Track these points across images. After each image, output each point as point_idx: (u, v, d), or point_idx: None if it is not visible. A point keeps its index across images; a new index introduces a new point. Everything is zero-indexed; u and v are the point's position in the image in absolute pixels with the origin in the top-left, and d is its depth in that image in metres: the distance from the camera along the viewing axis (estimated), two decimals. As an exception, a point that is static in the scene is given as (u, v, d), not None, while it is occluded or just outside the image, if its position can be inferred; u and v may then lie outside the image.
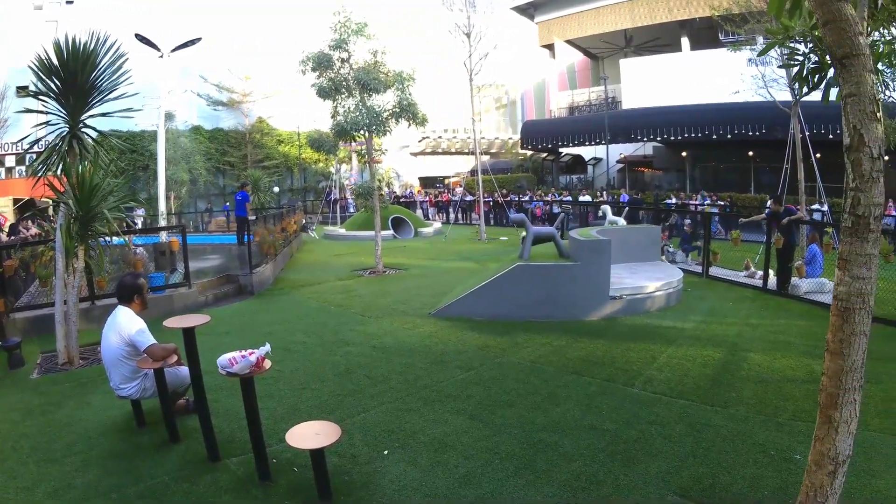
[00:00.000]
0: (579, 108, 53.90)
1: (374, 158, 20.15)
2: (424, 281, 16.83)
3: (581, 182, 49.72)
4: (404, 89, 18.22)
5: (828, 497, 3.82)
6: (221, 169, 48.35)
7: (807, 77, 4.88)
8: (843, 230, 3.68)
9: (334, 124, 18.32)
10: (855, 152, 3.53)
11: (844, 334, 3.67)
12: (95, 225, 9.87)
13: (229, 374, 5.63)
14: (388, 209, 29.20)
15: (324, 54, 17.97)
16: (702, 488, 5.40)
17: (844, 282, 3.65)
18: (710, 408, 7.31)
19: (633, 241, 15.88)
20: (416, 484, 5.59)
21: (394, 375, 8.67)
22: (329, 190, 43.53)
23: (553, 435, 6.56)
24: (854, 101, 3.52)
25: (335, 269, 19.34)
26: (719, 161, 43.51)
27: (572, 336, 10.59)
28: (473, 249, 25.14)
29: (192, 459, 6.16)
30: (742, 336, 10.73)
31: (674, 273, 14.13)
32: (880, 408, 7.36)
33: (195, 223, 38.44)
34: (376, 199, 19.46)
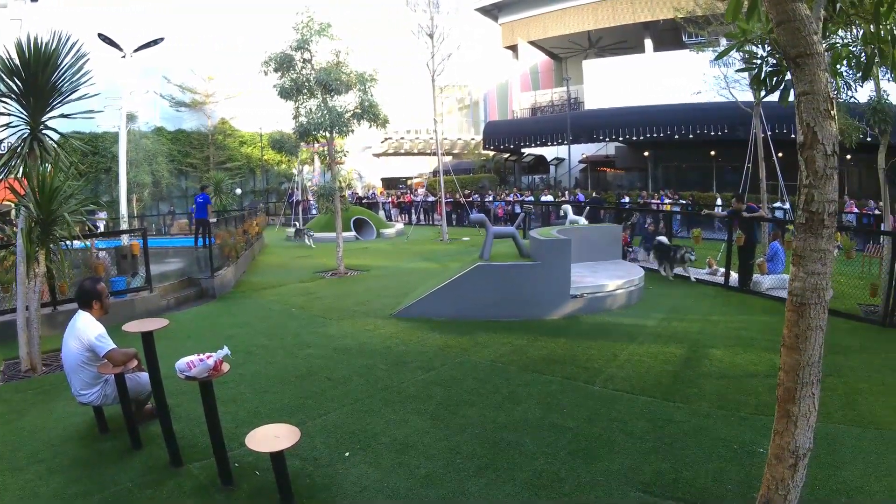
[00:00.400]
0: (542, 108, 54.09)
1: (335, 160, 20.09)
2: (386, 282, 16.79)
3: (543, 182, 49.84)
4: (366, 90, 18.17)
5: (789, 490, 3.87)
6: (184, 171, 47.83)
7: (765, 80, 4.93)
8: (797, 226, 3.73)
9: (296, 125, 18.21)
10: (808, 150, 3.58)
11: (800, 329, 3.72)
12: (56, 229, 9.74)
13: (188, 378, 5.60)
14: (349, 210, 29.08)
15: (286, 55, 17.85)
16: (664, 483, 5.45)
17: (799, 277, 3.70)
18: (671, 404, 7.38)
19: (594, 240, 15.99)
20: (378, 485, 5.58)
21: (355, 377, 8.64)
22: (291, 192, 43.29)
23: (514, 434, 6.59)
24: (808, 99, 3.57)
25: (297, 272, 19.22)
26: (681, 160, 43.86)
27: (533, 335, 10.62)
28: (435, 250, 25.11)
29: (154, 465, 6.09)
30: (704, 332, 10.83)
31: (635, 271, 14.22)
32: (843, 400, 7.52)
33: (157, 226, 38.02)
34: (337, 200, 19.39)
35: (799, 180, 3.70)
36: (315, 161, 46.87)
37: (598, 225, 20.60)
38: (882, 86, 12.52)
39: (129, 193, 25.73)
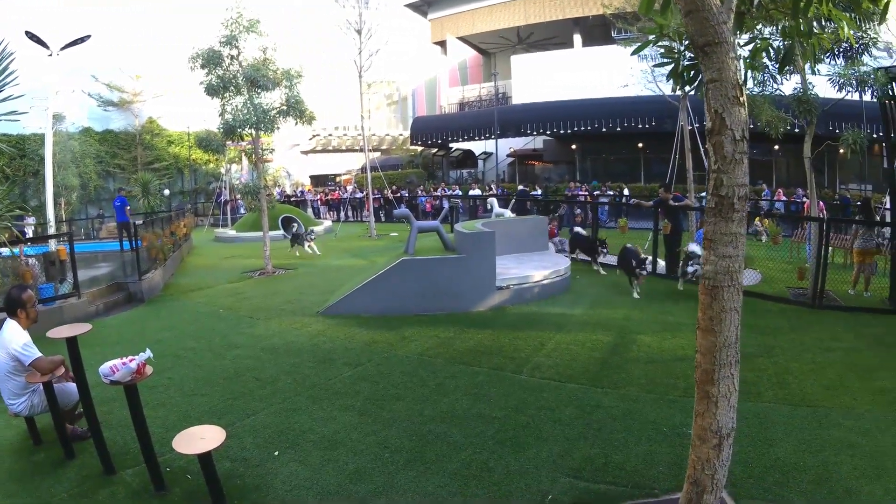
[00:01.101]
0: (470, 103, 54.21)
1: (262, 157, 19.93)
2: (314, 280, 16.72)
3: (471, 176, 49.99)
4: (292, 87, 18.08)
5: (716, 469, 3.96)
6: (112, 172, 46.72)
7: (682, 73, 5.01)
8: (707, 211, 3.81)
9: (222, 122, 18.01)
10: (717, 135, 3.66)
11: (714, 311, 3.80)
12: (-20, 236, 9.52)
13: (112, 383, 5.56)
14: (276, 209, 28.80)
15: (214, 51, 17.62)
16: (594, 468, 5.55)
17: (711, 261, 3.78)
18: (599, 390, 7.50)
19: (520, 232, 16.09)
20: (308, 483, 5.60)
21: (282, 376, 8.62)
22: (219, 191, 42.77)
23: (442, 426, 6.64)
24: (716, 86, 3.65)
25: (225, 272, 19.01)
26: (609, 153, 44.36)
27: (460, 327, 10.70)
28: (363, 246, 25.09)
29: (88, 474, 6.01)
30: (631, 319, 11.02)
31: (561, 262, 14.39)
32: (774, 380, 7.76)
33: (86, 230, 37.21)
34: (263, 198, 19.23)
35: (708, 166, 3.78)
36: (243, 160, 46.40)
37: (524, 217, 20.75)
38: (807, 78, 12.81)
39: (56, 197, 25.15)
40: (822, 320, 11.05)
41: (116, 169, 46.74)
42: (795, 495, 5.04)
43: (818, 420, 6.51)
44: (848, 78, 12.03)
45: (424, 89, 61.51)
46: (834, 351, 9.04)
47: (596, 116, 38.41)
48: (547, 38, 52.53)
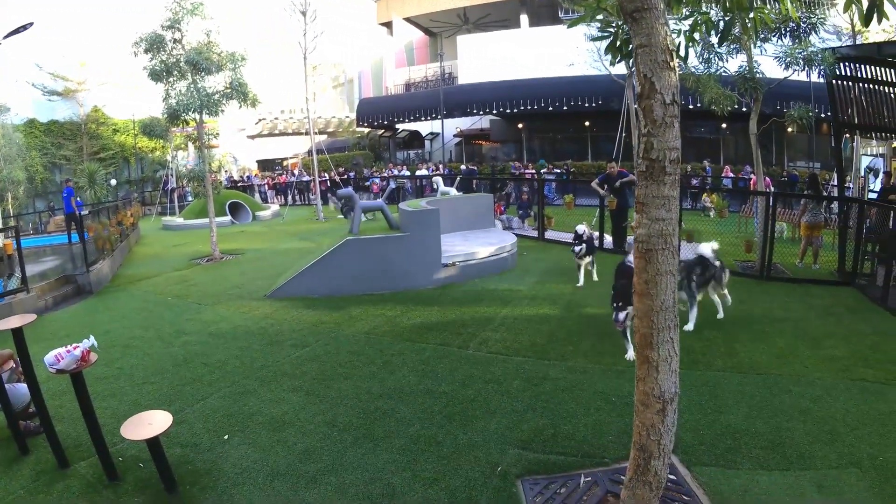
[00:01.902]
0: (416, 84, 53.95)
1: (207, 143, 19.77)
2: (261, 264, 16.64)
3: (419, 157, 49.87)
4: (236, 69, 17.91)
5: (661, 434, 3.97)
6: (58, 164, 45.89)
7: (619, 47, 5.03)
8: (638, 175, 3.82)
9: (166, 108, 17.80)
10: (647, 99, 3.68)
11: (649, 275, 3.81)
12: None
13: (58, 372, 5.51)
14: (223, 195, 28.55)
15: (157, 35, 17.38)
16: (543, 439, 5.62)
17: (643, 224, 3.78)
18: (547, 362, 7.58)
19: (466, 209, 16.15)
20: (258, 465, 5.62)
21: (231, 360, 8.60)
22: (166, 179, 42.27)
23: (389, 402, 6.69)
24: (645, 51, 3.66)
25: (173, 260, 18.84)
26: (556, 132, 44.59)
27: (406, 305, 10.76)
28: (311, 229, 24.89)
29: (43, 469, 5.96)
30: (578, 293, 11.15)
31: (507, 238, 14.45)
32: (723, 349, 7.90)
33: (34, 224, 36.54)
34: (209, 184, 19.08)
35: (638, 130, 3.81)
36: (189, 146, 45.90)
37: (469, 195, 20.82)
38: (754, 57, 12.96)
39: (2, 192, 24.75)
40: (770, 291, 11.28)
41: (62, 160, 45.90)
42: (748, 461, 5.15)
43: (769, 387, 6.64)
44: (794, 57, 12.19)
45: (370, 71, 61.13)
46: (783, 321, 9.22)
47: (542, 96, 38.52)
48: (494, 19, 52.38)
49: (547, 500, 4.74)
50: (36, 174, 40.79)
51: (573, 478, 5.02)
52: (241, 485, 5.31)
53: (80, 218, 17.08)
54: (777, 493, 4.71)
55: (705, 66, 13.15)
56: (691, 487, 4.78)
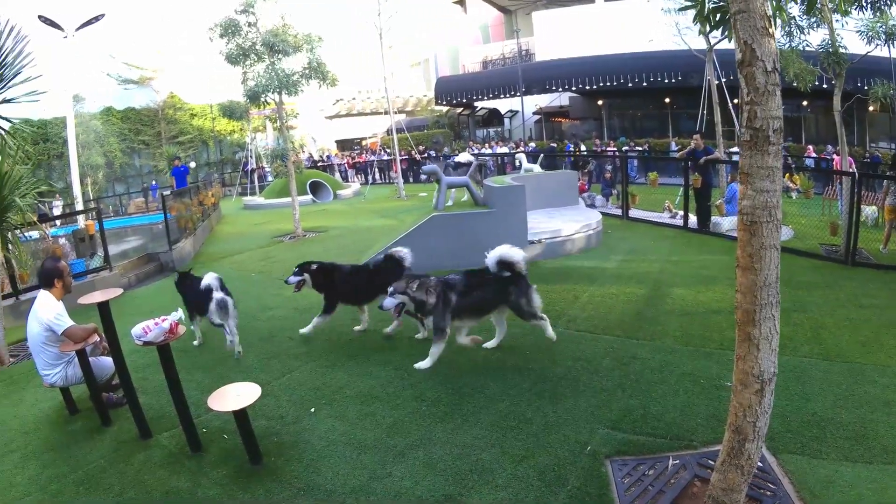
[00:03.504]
0: (493, 62, 53.59)
1: (286, 123, 19.95)
2: (344, 241, 16.77)
3: (498, 135, 49.61)
4: (313, 50, 18.04)
5: (758, 416, 3.84)
6: (136, 149, 47.02)
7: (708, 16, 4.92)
8: (741, 144, 3.70)
9: (245, 90, 18.04)
10: (747, 67, 3.56)
11: (753, 248, 3.68)
12: (9, 216, 9.59)
13: (146, 344, 5.60)
14: (304, 174, 28.82)
15: (231, 20, 17.65)
16: (632, 420, 5.53)
17: (748, 195, 3.66)
18: (635, 342, 7.47)
19: (550, 187, 15.96)
20: (345, 438, 5.65)
21: (317, 335, 8.67)
22: (246, 160, 42.87)
23: (478, 378, 6.66)
24: (744, 17, 3.54)
25: (255, 238, 19.11)
26: (636, 108, 43.95)
27: (493, 282, 10.60)
28: (392, 207, 24.98)
29: (125, 440, 6.10)
30: (665, 272, 10.93)
31: (593, 216, 14.25)
32: (809, 335, 7.63)
33: (115, 207, 37.58)
34: (290, 163, 19.27)
35: (740, 98, 3.69)
36: (268, 128, 46.39)
37: (553, 172, 20.61)
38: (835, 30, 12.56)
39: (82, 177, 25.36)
40: (855, 277, 10.87)
41: (141, 145, 46.90)
42: (832, 451, 4.97)
43: (854, 376, 6.41)
44: (876, 31, 11.78)
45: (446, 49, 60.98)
46: (868, 308, 8.88)
47: (621, 71, 37.85)
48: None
49: (635, 482, 4.67)
50: (115, 159, 41.87)
51: (661, 460, 4.93)
52: (328, 457, 5.35)
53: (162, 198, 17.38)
54: (860, 486, 4.52)
55: (787, 40, 12.80)
56: (777, 476, 4.65)
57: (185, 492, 5.09)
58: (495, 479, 4.81)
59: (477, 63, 54.63)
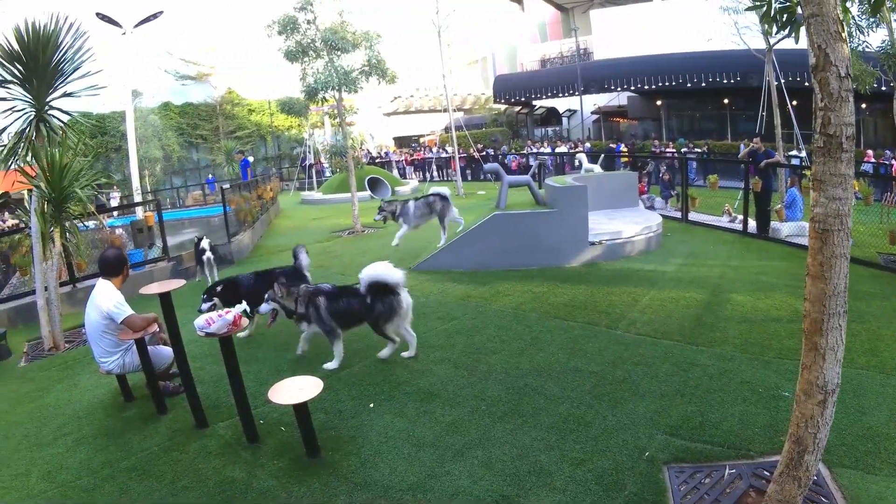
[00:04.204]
0: (551, 60, 53.35)
1: (345, 119, 20.07)
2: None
3: (556, 134, 49.39)
4: (372, 47, 18.12)
5: (819, 427, 3.77)
6: (194, 143, 47.98)
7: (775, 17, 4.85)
8: (815, 151, 3.65)
9: (304, 86, 18.19)
10: (821, 72, 3.50)
11: (824, 257, 3.63)
12: (69, 206, 9.79)
13: (208, 335, 5.68)
14: (363, 170, 28.98)
15: (289, 17, 17.82)
16: (691, 427, 5.46)
17: (820, 203, 3.61)
18: (695, 347, 7.37)
19: (610, 187, 15.77)
20: (403, 434, 5.66)
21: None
22: (303, 156, 43.26)
23: (538, 379, 6.63)
24: (817, 21, 3.48)
25: (313, 232, 19.30)
26: (695, 109, 43.30)
27: (553, 282, 10.61)
28: (452, 204, 24.82)
29: (180, 428, 6.19)
30: (724, 277, 10.78)
31: (653, 218, 14.09)
32: (866, 346, 7.45)
33: (172, 199, 38.31)
34: (350, 159, 19.36)
35: (814, 104, 3.63)
36: (325, 123, 46.72)
37: (613, 172, 20.50)
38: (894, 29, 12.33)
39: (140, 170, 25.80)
40: (915, 288, 10.62)
41: (199, 140, 47.67)
42: (886, 467, 4.86)
43: (911, 391, 6.24)
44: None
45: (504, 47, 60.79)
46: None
47: (680, 71, 37.51)
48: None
49: (691, 490, 4.63)
50: (173, 153, 42.69)
51: (718, 469, 4.87)
52: (386, 454, 5.36)
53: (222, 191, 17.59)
54: (912, 505, 4.42)
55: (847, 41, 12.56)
56: (830, 489, 4.56)
57: (240, 482, 5.15)
58: (553, 481, 4.79)
59: (535, 61, 54.39)
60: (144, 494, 5.14)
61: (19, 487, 5.49)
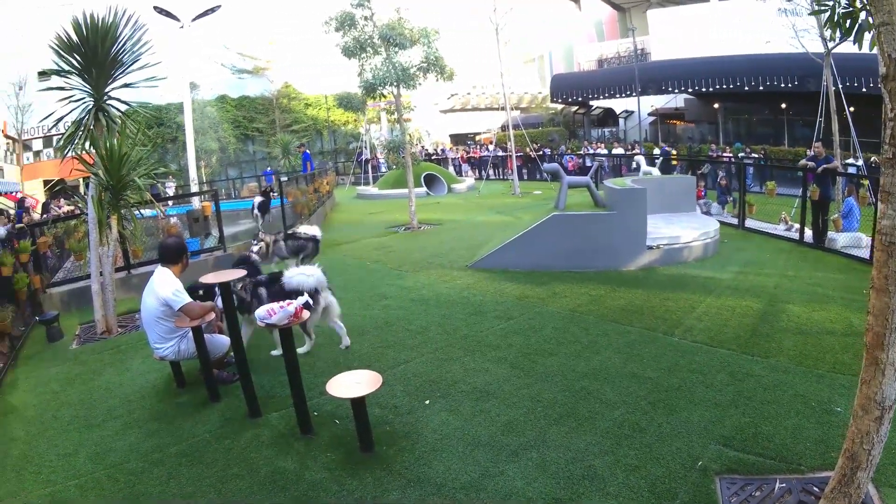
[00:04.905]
0: (608, 60, 52.90)
1: (403, 116, 20.11)
2: (459, 234, 16.83)
3: (613, 135, 48.86)
4: (430, 44, 18.15)
5: (874, 444, 3.72)
6: (250, 136, 48.73)
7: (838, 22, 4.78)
8: (883, 162, 3.57)
9: (362, 82, 18.29)
10: (892, 81, 3.42)
11: (890, 270, 3.53)
12: (127, 193, 9.97)
13: (268, 325, 5.76)
14: (419, 166, 29.04)
15: (346, 13, 17.92)
16: (744, 438, 5.38)
17: (888, 215, 3.51)
18: (750, 357, 7.27)
19: (668, 191, 15.63)
20: (458, 433, 5.67)
21: (433, 327, 8.76)
22: (360, 151, 43.50)
23: (595, 382, 6.60)
24: (887, 29, 3.39)
25: (370, 227, 19.42)
26: (752, 113, 42.55)
27: (610, 285, 10.55)
28: (507, 203, 24.92)
29: (232, 417, 6.28)
30: (780, 287, 10.60)
31: (710, 223, 13.92)
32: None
33: (227, 190, 38.84)
34: (408, 155, 19.42)
35: (883, 113, 3.56)
36: (381, 119, 46.92)
37: (671, 176, 20.30)
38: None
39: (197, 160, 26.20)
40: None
41: (255, 132, 48.31)
42: None
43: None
44: None
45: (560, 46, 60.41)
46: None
47: (738, 73, 36.71)
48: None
49: (742, 502, 4.57)
50: (228, 144, 43.43)
51: (769, 482, 4.79)
52: (440, 451, 5.38)
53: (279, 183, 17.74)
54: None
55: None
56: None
57: (291, 473, 5.20)
58: (607, 486, 4.77)
59: (592, 61, 53.95)
60: (193, 480, 5.22)
61: (66, 467, 5.61)
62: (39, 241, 12.15)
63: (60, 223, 14.54)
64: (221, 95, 47.38)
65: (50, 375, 8.25)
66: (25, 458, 5.92)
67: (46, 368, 8.60)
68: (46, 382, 8.00)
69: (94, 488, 5.28)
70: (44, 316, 10.30)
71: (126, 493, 5.16)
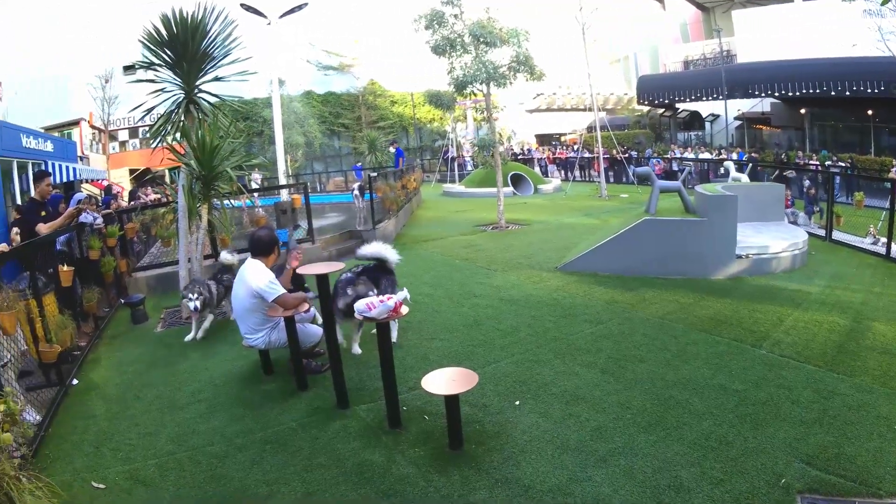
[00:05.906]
0: (694, 62, 52.00)
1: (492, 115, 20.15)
2: (547, 236, 16.78)
3: (699, 139, 48.12)
4: (520, 44, 18.07)
5: None
6: (336, 131, 49.45)
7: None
8: None
9: (452, 79, 18.37)
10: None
11: None
12: (218, 184, 10.25)
13: (367, 319, 5.88)
14: (507, 165, 29.04)
15: (436, 11, 18.04)
16: (827, 458, 5.32)
17: None
18: (836, 375, 7.14)
19: (756, 199, 15.22)
20: (548, 435, 5.70)
21: (523, 327, 8.79)
22: (446, 148, 43.64)
23: (683, 392, 6.59)
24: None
25: (456, 225, 19.52)
26: (837, 119, 40.79)
27: (699, 294, 10.41)
28: (594, 206, 24.70)
29: (320, 407, 6.43)
30: (867, 304, 10.32)
31: (799, 234, 13.54)
32: None
33: (313, 184, 39.51)
34: (497, 154, 19.44)
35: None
36: (468, 117, 46.98)
37: (760, 184, 19.86)
38: None
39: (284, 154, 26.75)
40: None
41: (341, 128, 48.99)
42: None
43: None
44: None
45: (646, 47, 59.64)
46: None
47: (823, 78, 35.17)
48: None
49: (819, 523, 4.54)
50: (315, 139, 43.93)
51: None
52: (529, 453, 5.41)
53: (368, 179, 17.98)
54: None
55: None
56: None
57: (378, 466, 5.29)
58: (692, 498, 4.78)
59: (678, 62, 53.17)
60: (277, 467, 5.37)
61: (146, 446, 5.83)
62: (127, 226, 12.61)
63: (148, 210, 15.07)
64: (308, 91, 48.14)
65: (134, 356, 8.60)
66: (105, 434, 6.18)
67: (130, 349, 8.96)
68: (130, 363, 8.34)
69: (174, 469, 5.47)
70: (129, 298, 10.74)
71: (207, 476, 5.34)
